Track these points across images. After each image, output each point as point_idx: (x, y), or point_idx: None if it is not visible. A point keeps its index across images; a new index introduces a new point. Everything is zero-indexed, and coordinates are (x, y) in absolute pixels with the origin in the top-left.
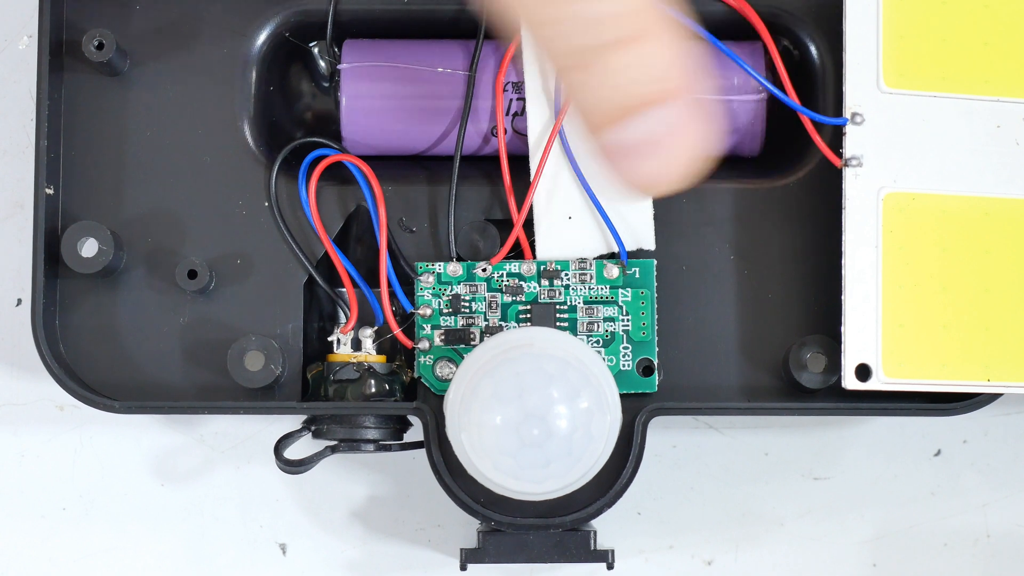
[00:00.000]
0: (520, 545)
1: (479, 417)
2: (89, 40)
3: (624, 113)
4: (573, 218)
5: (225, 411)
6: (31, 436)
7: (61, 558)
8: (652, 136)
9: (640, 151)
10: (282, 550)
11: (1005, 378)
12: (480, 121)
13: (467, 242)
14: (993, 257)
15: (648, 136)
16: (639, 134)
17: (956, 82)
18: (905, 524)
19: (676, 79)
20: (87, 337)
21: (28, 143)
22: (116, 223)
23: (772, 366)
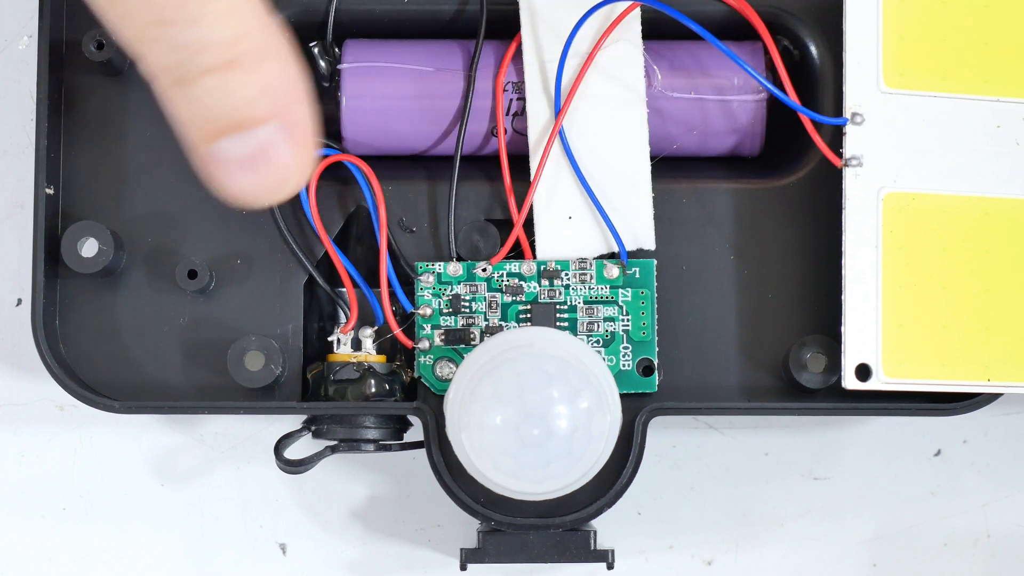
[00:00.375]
0: (520, 545)
1: (479, 417)
2: (89, 40)
3: (222, 130)
4: (573, 218)
5: (225, 411)
6: (31, 436)
7: (61, 558)
8: (249, 153)
9: (237, 166)
10: (282, 550)
11: (1005, 378)
12: (480, 121)
13: (467, 242)
14: (993, 257)
15: (242, 154)
16: (233, 152)
17: (956, 82)
18: (905, 524)
19: (276, 102)
20: (87, 337)
21: (28, 143)
22: (116, 223)
23: (772, 366)
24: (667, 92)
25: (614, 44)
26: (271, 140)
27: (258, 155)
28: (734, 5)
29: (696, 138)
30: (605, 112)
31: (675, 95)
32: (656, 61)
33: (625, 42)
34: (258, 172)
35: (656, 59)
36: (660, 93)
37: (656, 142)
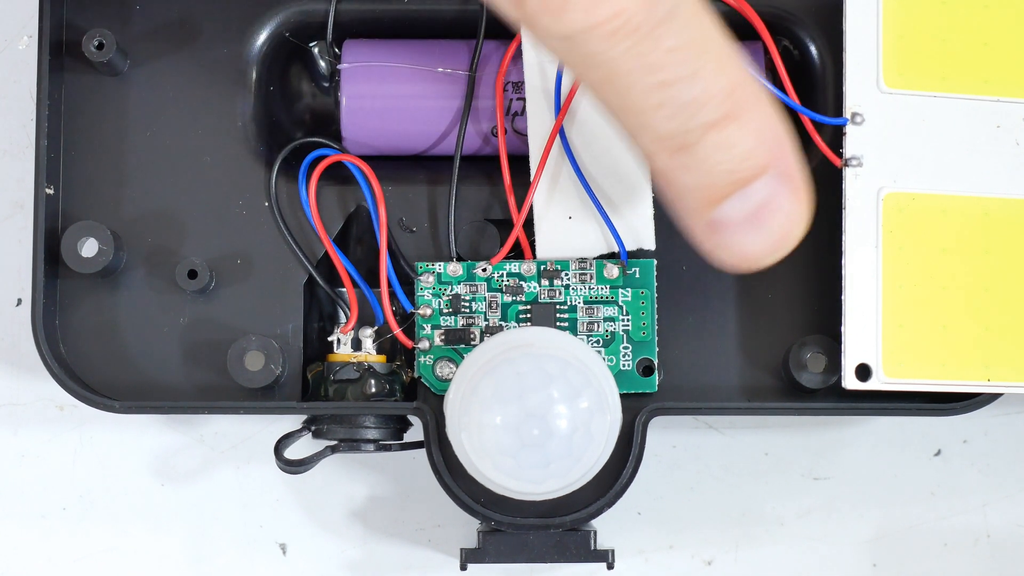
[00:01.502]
0: (520, 545)
1: (479, 417)
2: (89, 40)
3: (727, 190)
4: (573, 218)
5: (225, 411)
6: (31, 436)
7: (61, 558)
8: (755, 210)
9: (745, 226)
10: (282, 550)
11: (1005, 378)
12: (480, 121)
13: (467, 242)
14: (993, 257)
15: (751, 211)
16: (743, 210)
17: (956, 82)
18: (905, 524)
19: (770, 151)
20: (87, 337)
21: (28, 143)
22: (116, 223)
23: (772, 366)
24: None
25: None
26: (772, 191)
27: (763, 210)
28: (734, 5)
29: None
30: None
31: None
32: None
33: None
34: (764, 228)
35: None
36: None
37: None
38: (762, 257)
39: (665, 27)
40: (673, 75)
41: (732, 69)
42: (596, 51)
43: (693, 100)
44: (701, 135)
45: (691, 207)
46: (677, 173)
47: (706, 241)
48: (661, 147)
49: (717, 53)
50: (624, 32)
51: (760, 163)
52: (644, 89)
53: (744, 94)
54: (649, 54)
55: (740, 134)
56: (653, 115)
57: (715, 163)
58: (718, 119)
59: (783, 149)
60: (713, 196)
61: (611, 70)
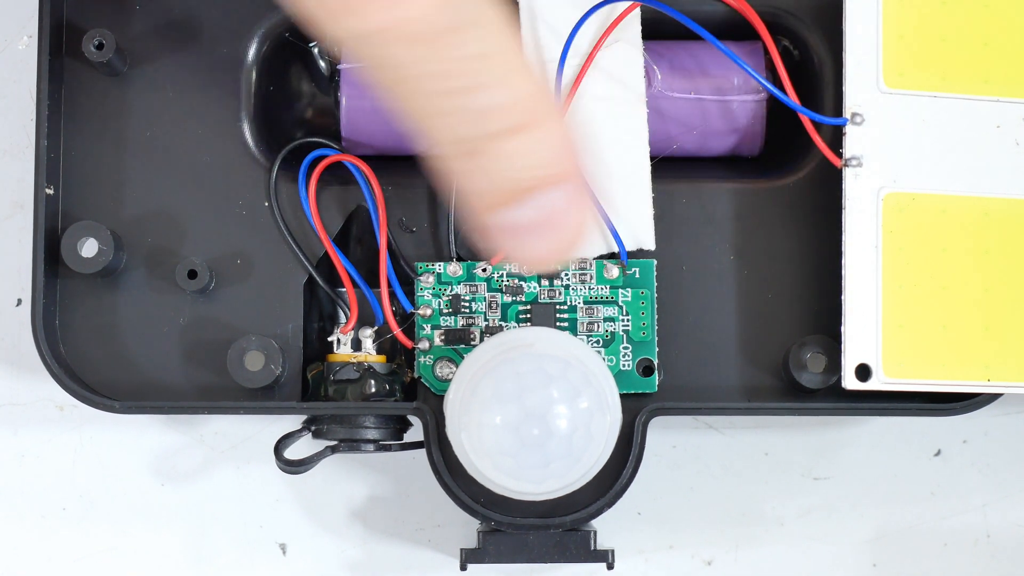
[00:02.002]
0: (520, 545)
1: (479, 417)
2: (89, 40)
3: (512, 197)
4: None
5: (225, 411)
6: (31, 436)
7: (61, 558)
8: (538, 218)
9: (527, 232)
10: (282, 550)
11: (1005, 378)
12: None
13: (467, 242)
14: (993, 257)
15: (535, 218)
16: (526, 217)
17: (956, 82)
18: (905, 524)
19: (561, 164)
20: (87, 337)
21: (28, 143)
22: (116, 223)
23: (772, 366)
24: (667, 92)
25: (614, 44)
26: (559, 198)
27: (550, 218)
28: (734, 5)
29: (696, 138)
30: (605, 112)
31: (675, 95)
32: (656, 61)
33: (625, 42)
34: (549, 236)
35: (656, 59)
36: (660, 93)
37: (656, 142)
38: (544, 263)
39: (459, 36)
40: (464, 84)
41: (525, 82)
42: (388, 53)
43: (482, 110)
44: (488, 143)
45: (478, 208)
46: (465, 176)
47: (491, 241)
48: (451, 150)
49: (511, 65)
50: (420, 37)
51: (546, 174)
52: (435, 94)
53: (535, 107)
54: (441, 62)
55: (528, 146)
56: (442, 120)
57: (501, 171)
58: (506, 130)
59: (571, 161)
60: (498, 201)
61: (403, 73)
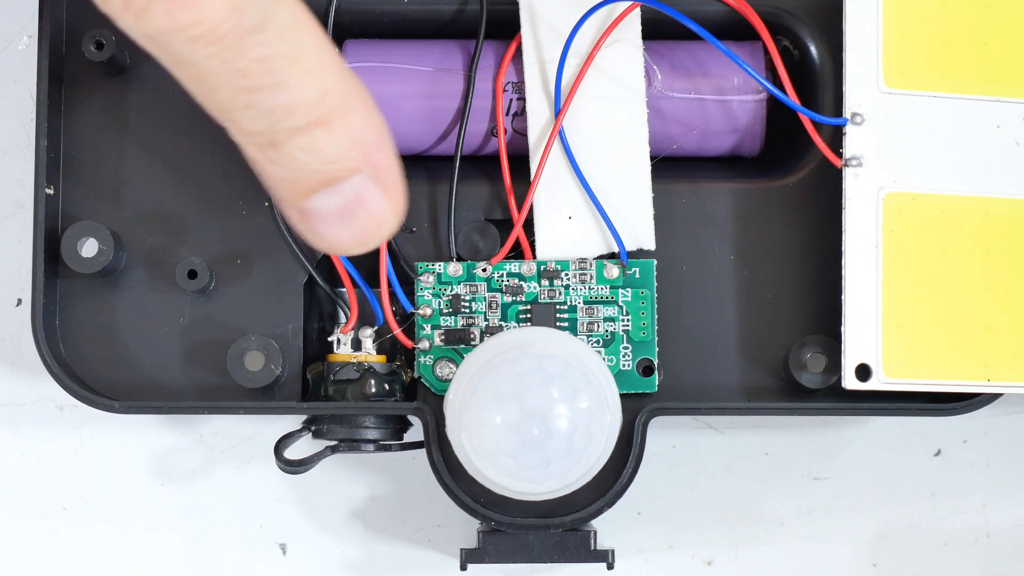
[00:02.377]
0: (520, 545)
1: (479, 417)
2: (89, 40)
3: (312, 187)
4: (573, 218)
5: (225, 411)
6: (31, 436)
7: (61, 558)
8: (339, 206)
9: (330, 219)
10: (282, 550)
11: (1005, 378)
12: (480, 121)
13: (467, 242)
14: (993, 257)
15: (336, 206)
16: (329, 204)
17: (956, 82)
18: (905, 524)
19: (361, 153)
20: (87, 337)
21: (28, 143)
22: (116, 223)
23: (772, 366)
24: (667, 92)
25: (614, 44)
26: (363, 189)
27: (352, 206)
28: (734, 5)
29: (696, 138)
30: (605, 112)
31: (675, 95)
32: (656, 61)
33: (625, 42)
34: (354, 222)
35: (656, 59)
36: (660, 93)
37: (656, 142)
38: (349, 248)
39: (253, 38)
40: (260, 83)
41: (324, 77)
42: (181, 52)
43: (280, 107)
44: (288, 137)
45: (282, 196)
46: (267, 165)
47: (297, 226)
48: (250, 141)
49: (309, 62)
50: (209, 39)
51: (349, 165)
52: (231, 91)
53: (335, 101)
54: (235, 60)
55: (328, 139)
56: (241, 114)
57: (302, 163)
58: (305, 125)
59: (376, 151)
60: (302, 189)
61: (197, 71)
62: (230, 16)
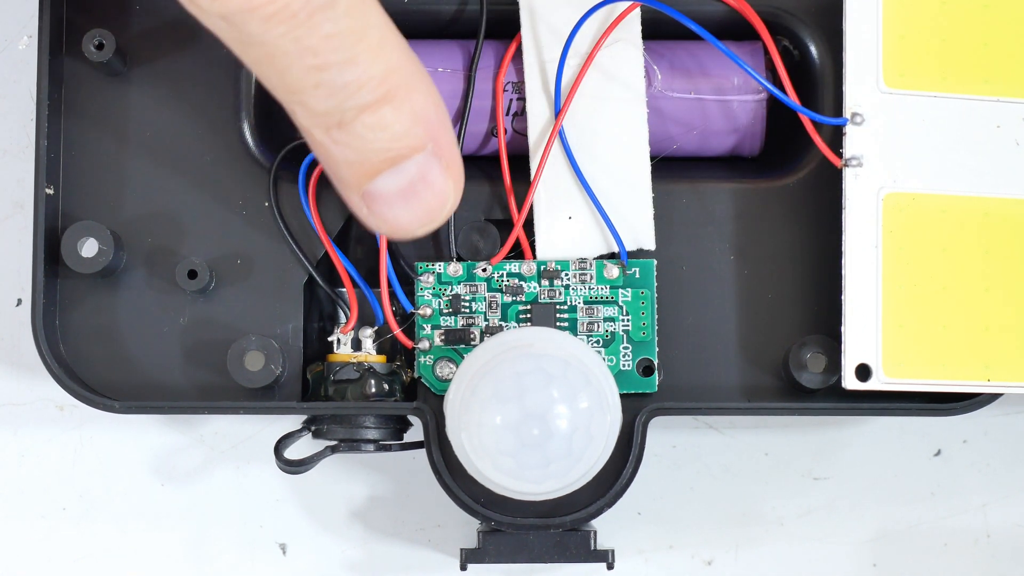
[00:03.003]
0: (520, 545)
1: (479, 417)
2: (89, 40)
3: (378, 167)
4: (573, 218)
5: (225, 411)
6: (31, 436)
7: (61, 558)
8: (404, 186)
9: (395, 200)
10: (282, 550)
11: (1005, 378)
12: (480, 121)
13: (467, 242)
14: (993, 257)
15: (400, 186)
16: (393, 185)
17: (956, 82)
18: (905, 524)
19: (425, 131)
20: (87, 337)
21: (28, 143)
22: (116, 223)
23: (772, 366)
24: (667, 92)
25: (614, 44)
26: (426, 167)
27: (417, 184)
28: (734, 5)
29: (696, 138)
30: (605, 112)
31: (675, 95)
32: (656, 61)
33: (625, 42)
34: (418, 201)
35: (656, 59)
36: (660, 93)
37: (656, 142)
38: (413, 229)
39: (323, 14)
40: (329, 60)
41: (390, 54)
42: (254, 32)
43: (348, 83)
44: (356, 115)
45: (346, 179)
46: (333, 148)
47: (359, 211)
48: (317, 123)
49: (376, 39)
50: (281, 17)
51: (413, 143)
52: (301, 70)
53: (401, 78)
54: (306, 38)
55: (394, 116)
56: (310, 94)
57: (369, 141)
58: (373, 101)
59: (438, 129)
60: (367, 171)
61: (269, 51)
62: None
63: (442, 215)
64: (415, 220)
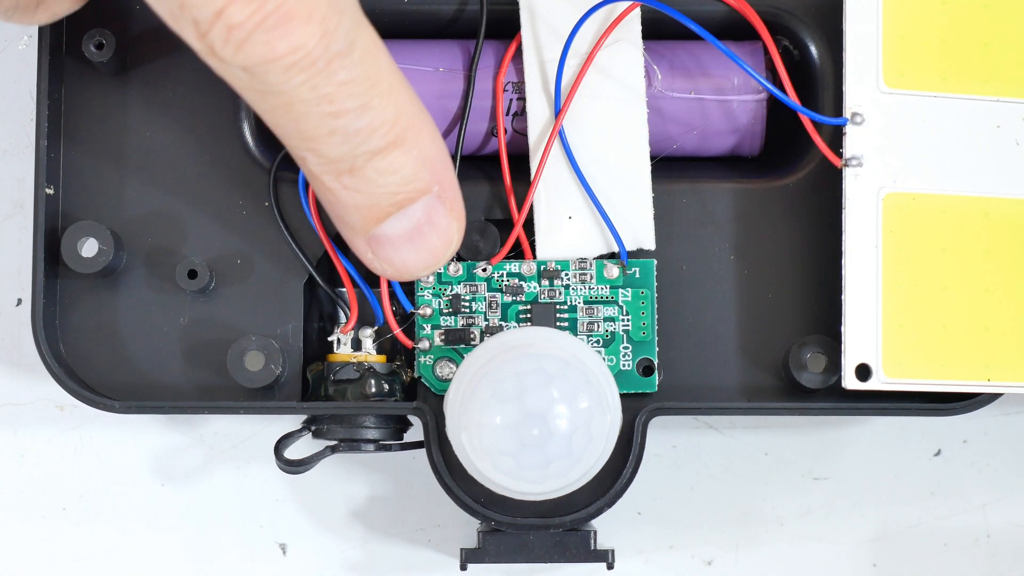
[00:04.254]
0: (520, 545)
1: (479, 417)
2: (89, 40)
3: (386, 211)
4: (573, 218)
5: (225, 411)
6: (31, 436)
7: (61, 558)
8: (411, 229)
9: (402, 242)
10: (282, 550)
11: (1005, 378)
12: (480, 121)
13: (467, 242)
14: (993, 257)
15: (407, 229)
16: (400, 227)
17: (956, 82)
18: (905, 524)
19: (431, 173)
20: (87, 337)
21: (28, 143)
22: (116, 223)
23: (772, 366)
24: (667, 92)
25: (614, 44)
26: (433, 209)
27: (423, 226)
28: (734, 5)
29: (696, 138)
30: (605, 112)
31: (675, 95)
32: (656, 61)
33: (625, 42)
34: (424, 243)
35: (656, 59)
36: (660, 93)
37: (656, 142)
38: (418, 271)
39: (340, 62)
40: (345, 106)
41: (399, 98)
42: (274, 82)
43: (362, 129)
44: (368, 160)
45: (355, 224)
46: (343, 193)
47: (364, 255)
48: (328, 169)
49: (387, 84)
50: (301, 66)
51: (421, 186)
52: (317, 117)
53: (409, 120)
54: (324, 86)
55: (404, 159)
56: (325, 141)
57: (379, 186)
58: (384, 146)
59: (443, 171)
60: (376, 215)
61: (287, 100)
62: (321, 40)
63: (446, 256)
64: (421, 262)
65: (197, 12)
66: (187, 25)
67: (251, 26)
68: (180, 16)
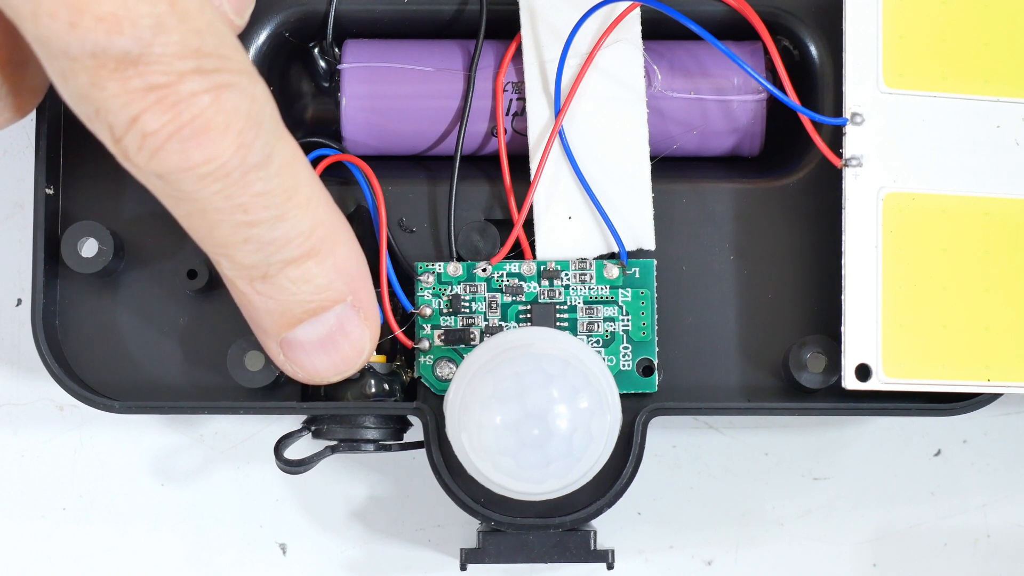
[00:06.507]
0: (520, 545)
1: (479, 417)
2: None
3: (299, 317)
4: (573, 218)
5: (225, 411)
6: (31, 436)
7: (61, 558)
8: (323, 336)
9: (313, 349)
10: (282, 550)
11: (1005, 378)
12: (480, 121)
13: (467, 242)
14: (993, 257)
15: (320, 336)
16: (313, 334)
17: (956, 82)
18: (905, 524)
19: (346, 283)
20: (87, 337)
21: (28, 143)
22: (116, 223)
23: (772, 366)
24: (667, 92)
25: (614, 44)
26: (345, 318)
27: (335, 334)
28: (734, 5)
29: (696, 138)
30: (605, 112)
31: (675, 95)
32: (656, 61)
33: (625, 42)
34: (336, 350)
35: (656, 59)
36: (660, 93)
37: (656, 142)
38: (328, 376)
39: (256, 173)
40: (260, 217)
41: (317, 209)
42: (188, 190)
43: (277, 239)
44: (280, 268)
45: (267, 327)
46: (256, 298)
47: (276, 357)
48: (242, 275)
49: (304, 196)
50: (216, 176)
51: (334, 295)
52: (231, 226)
53: (326, 232)
54: (238, 196)
55: (318, 269)
56: (238, 248)
57: (292, 293)
58: (298, 256)
59: (358, 281)
60: (288, 321)
61: (201, 207)
62: (236, 152)
63: (359, 363)
64: (331, 368)
65: (112, 118)
66: (103, 129)
67: (165, 135)
68: (95, 120)
